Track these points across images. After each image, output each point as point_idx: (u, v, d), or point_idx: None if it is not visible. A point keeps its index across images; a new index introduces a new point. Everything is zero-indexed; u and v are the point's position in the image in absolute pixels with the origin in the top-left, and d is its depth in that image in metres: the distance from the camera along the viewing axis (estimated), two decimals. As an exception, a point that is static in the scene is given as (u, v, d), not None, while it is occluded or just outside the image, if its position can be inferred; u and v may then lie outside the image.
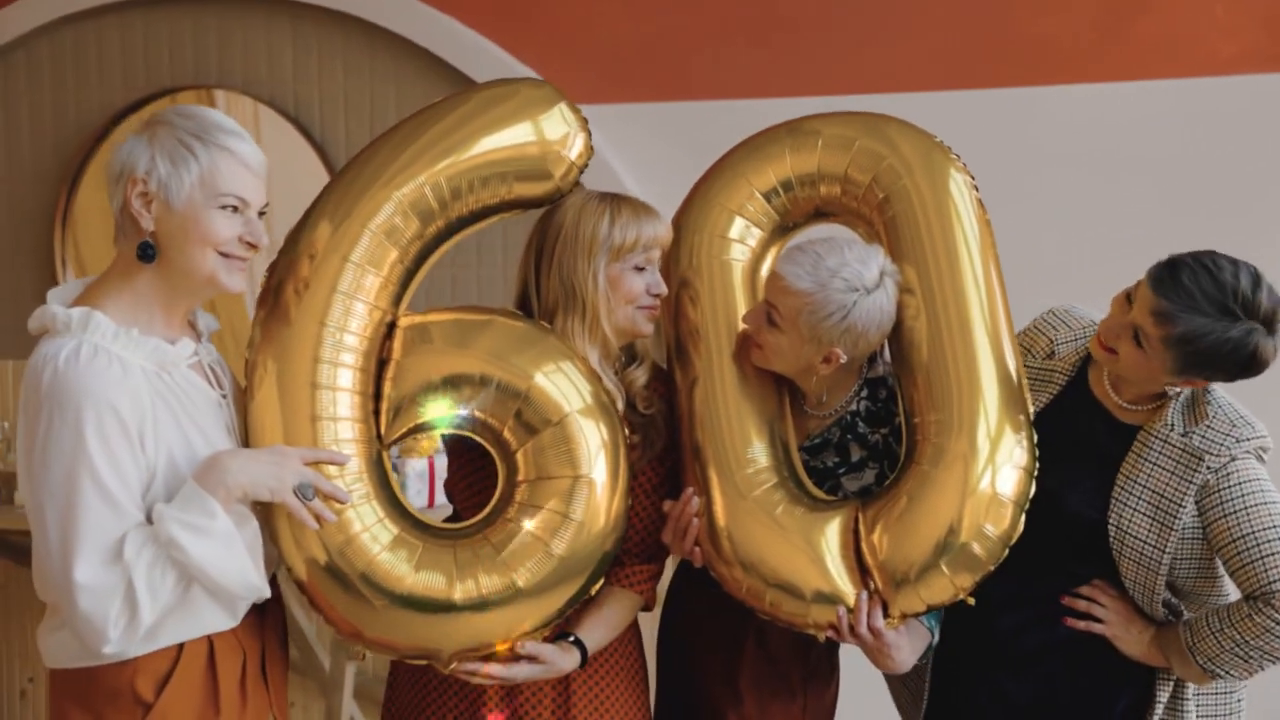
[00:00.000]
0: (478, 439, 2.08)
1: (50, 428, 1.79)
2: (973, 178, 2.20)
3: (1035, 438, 2.11)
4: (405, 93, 3.91)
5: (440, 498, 3.53)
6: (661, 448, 2.20)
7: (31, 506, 1.84)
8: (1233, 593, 2.23)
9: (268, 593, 1.94)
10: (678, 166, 3.23)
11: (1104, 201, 3.46)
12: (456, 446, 2.20)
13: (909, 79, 3.54)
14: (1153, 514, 2.14)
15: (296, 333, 1.98)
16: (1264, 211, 3.41)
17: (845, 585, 2.07)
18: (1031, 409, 2.14)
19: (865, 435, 2.21)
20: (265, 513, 1.94)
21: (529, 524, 2.00)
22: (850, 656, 2.37)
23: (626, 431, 2.10)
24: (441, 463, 3.63)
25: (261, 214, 1.96)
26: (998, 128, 3.45)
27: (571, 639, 2.11)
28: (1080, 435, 2.21)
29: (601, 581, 2.07)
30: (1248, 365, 2.06)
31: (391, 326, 2.06)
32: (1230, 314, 2.02)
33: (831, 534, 2.08)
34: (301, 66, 4.00)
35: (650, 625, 2.40)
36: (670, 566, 2.34)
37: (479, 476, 2.17)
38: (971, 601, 2.08)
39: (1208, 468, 2.11)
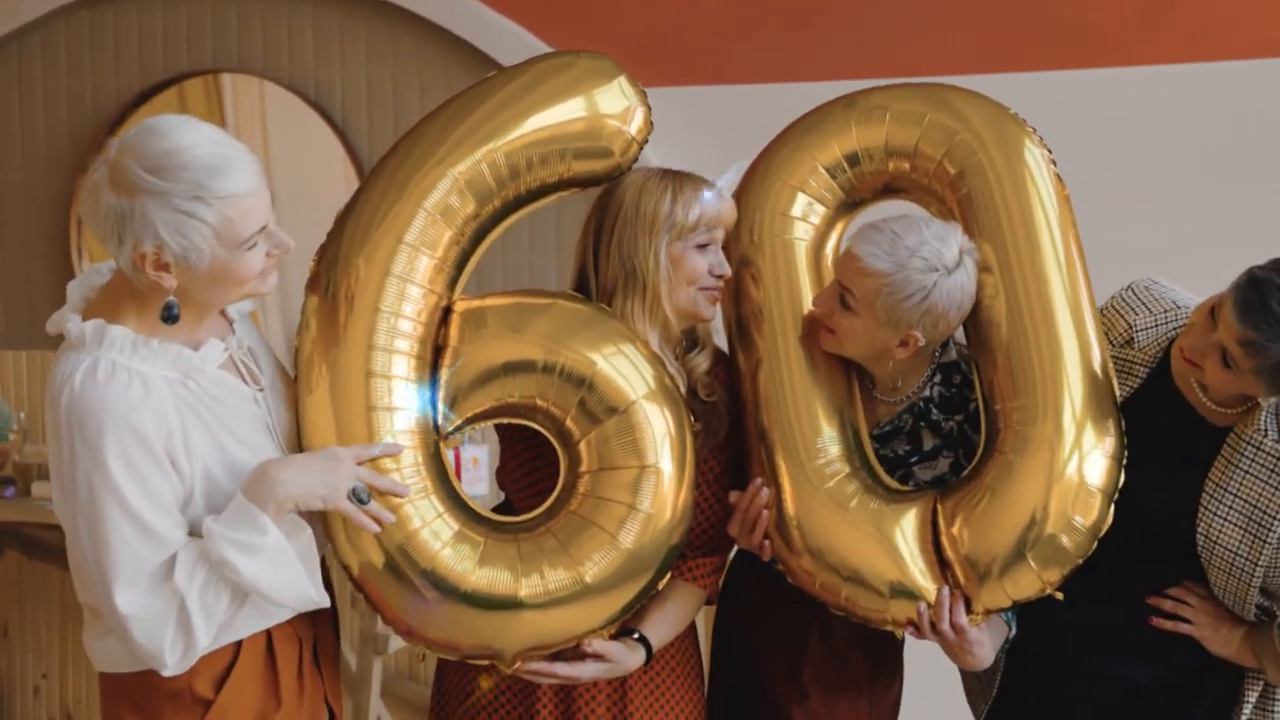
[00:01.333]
0: (538, 428, 2.00)
1: (74, 453, 1.70)
2: (1049, 150, 2.12)
3: (1124, 423, 2.02)
4: (429, 77, 3.83)
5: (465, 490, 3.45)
6: (724, 435, 2.12)
7: (66, 525, 1.78)
8: None
9: (326, 603, 1.86)
10: (711, 152, 3.15)
11: (1152, 185, 3.38)
12: (509, 434, 2.12)
13: (948, 62, 3.44)
14: (1245, 525, 2.03)
15: (349, 319, 1.89)
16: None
17: (925, 580, 1.99)
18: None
19: (939, 422, 2.13)
20: (319, 512, 1.84)
21: (595, 516, 1.92)
22: (912, 654, 2.29)
23: (690, 419, 2.02)
24: (467, 454, 3.55)
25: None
26: (1042, 111, 3.36)
27: (636, 636, 2.03)
28: (1163, 433, 2.09)
29: (668, 576, 1.99)
30: None
31: (447, 312, 1.97)
32: None
33: (909, 526, 2.00)
34: (323, 50, 3.91)
35: (705, 618, 2.31)
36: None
37: (535, 465, 2.08)
38: (1060, 596, 2.00)
39: None
